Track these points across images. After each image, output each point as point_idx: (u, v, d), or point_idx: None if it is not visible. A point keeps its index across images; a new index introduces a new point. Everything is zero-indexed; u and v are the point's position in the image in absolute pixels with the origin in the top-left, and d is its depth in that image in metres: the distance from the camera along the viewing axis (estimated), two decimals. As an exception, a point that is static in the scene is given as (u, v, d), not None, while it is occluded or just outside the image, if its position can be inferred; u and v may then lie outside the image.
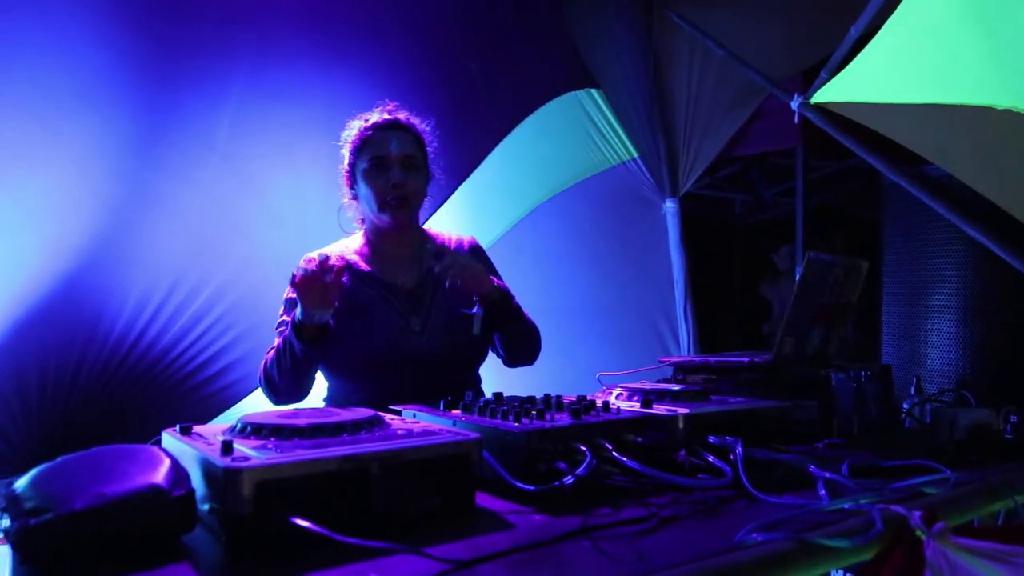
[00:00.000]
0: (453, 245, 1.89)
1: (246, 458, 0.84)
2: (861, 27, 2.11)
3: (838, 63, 2.26)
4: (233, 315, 2.45)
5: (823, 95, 2.37)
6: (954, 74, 1.79)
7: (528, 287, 2.71)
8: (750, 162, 4.72)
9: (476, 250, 1.93)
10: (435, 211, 2.69)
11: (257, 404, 2.56)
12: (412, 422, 1.14)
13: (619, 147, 3.27)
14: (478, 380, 1.87)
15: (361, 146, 1.78)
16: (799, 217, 3.21)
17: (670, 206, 3.38)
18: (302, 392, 1.69)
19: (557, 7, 3.11)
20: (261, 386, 1.72)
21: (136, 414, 2.31)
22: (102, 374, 2.22)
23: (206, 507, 0.88)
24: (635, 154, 3.30)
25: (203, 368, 2.45)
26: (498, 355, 1.87)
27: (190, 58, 2.30)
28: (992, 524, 1.01)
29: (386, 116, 1.82)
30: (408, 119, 1.86)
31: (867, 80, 2.11)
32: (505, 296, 1.74)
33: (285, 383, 1.63)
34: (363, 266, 1.79)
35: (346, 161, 1.84)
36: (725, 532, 0.87)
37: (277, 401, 1.69)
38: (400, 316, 1.72)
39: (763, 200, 5.48)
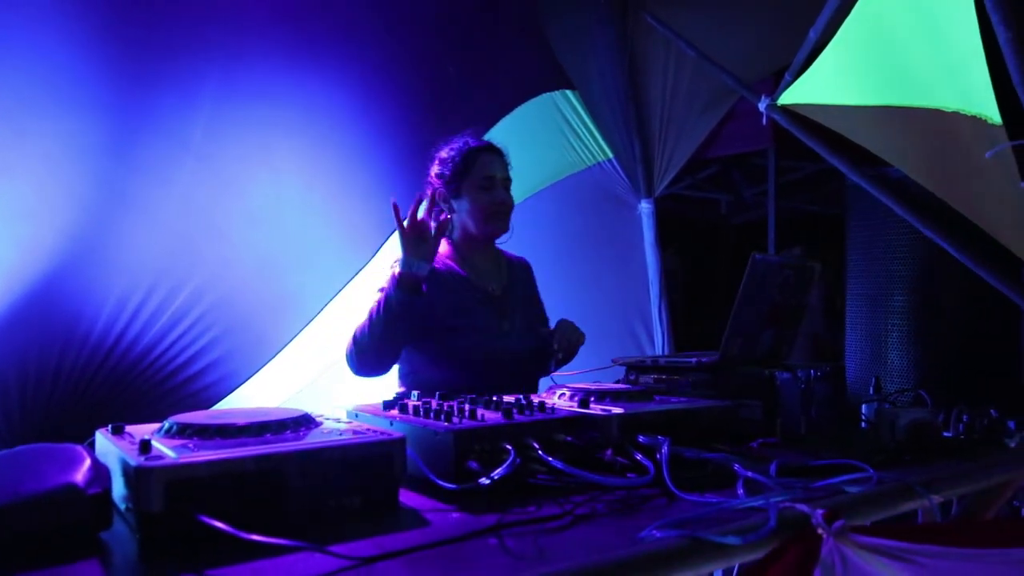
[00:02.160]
0: (512, 258, 2.22)
1: (160, 457, 0.86)
2: (819, 30, 2.13)
3: (800, 65, 2.28)
4: (212, 315, 2.46)
5: (788, 97, 2.39)
6: (905, 77, 1.81)
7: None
8: (730, 163, 4.74)
9: (528, 267, 2.26)
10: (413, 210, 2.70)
11: (239, 403, 2.58)
12: (347, 423, 1.16)
13: (594, 148, 3.28)
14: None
15: (469, 166, 2.01)
16: (771, 218, 3.23)
17: (645, 206, 3.40)
18: (385, 359, 1.85)
19: (532, 8, 3.12)
20: (347, 357, 1.85)
21: (117, 415, 2.31)
22: (82, 375, 2.23)
23: (123, 505, 0.90)
24: (610, 155, 3.31)
25: (183, 368, 2.47)
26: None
27: (163, 58, 2.30)
28: (902, 523, 1.03)
29: (483, 141, 2.10)
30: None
31: (827, 82, 2.13)
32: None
33: (373, 343, 1.78)
34: (457, 269, 2.01)
35: (444, 178, 2.03)
36: (635, 530, 0.88)
37: (360, 367, 1.84)
38: (495, 319, 1.97)
39: (744, 200, 5.50)
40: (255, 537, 0.80)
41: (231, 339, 2.52)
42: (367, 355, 1.81)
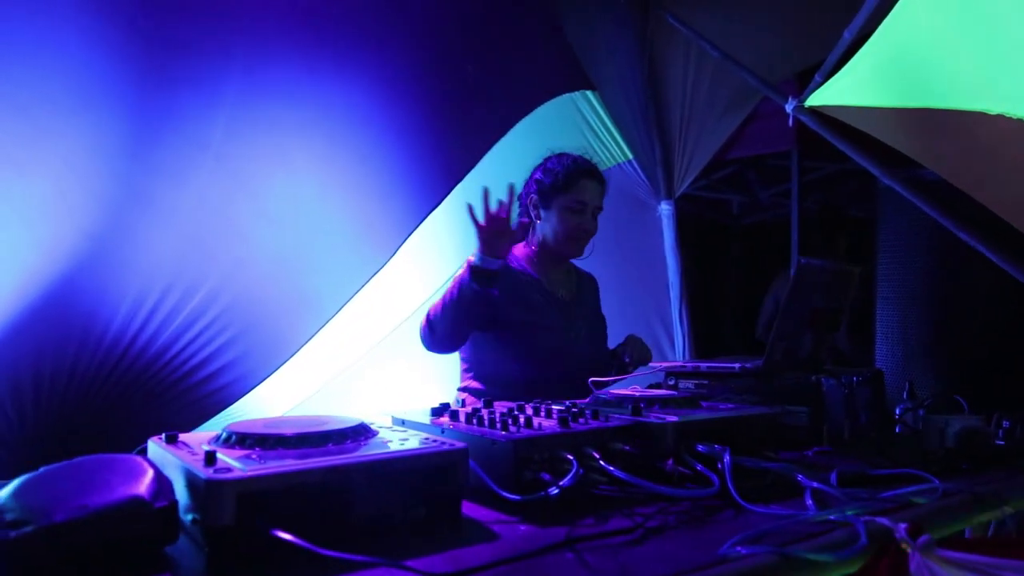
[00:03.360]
0: (580, 271, 2.33)
1: (229, 469, 0.84)
2: (855, 31, 2.11)
3: (832, 66, 2.26)
4: (228, 316, 2.44)
5: (817, 98, 2.37)
6: (946, 79, 1.79)
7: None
8: (746, 163, 4.73)
9: (595, 281, 2.37)
10: (431, 212, 2.68)
11: (254, 404, 2.56)
12: (399, 431, 1.14)
13: (614, 149, 3.26)
14: None
15: (568, 185, 2.07)
16: (794, 220, 3.21)
17: (665, 208, 3.37)
18: (455, 338, 1.96)
19: (553, 9, 3.10)
20: (421, 333, 1.98)
21: (132, 416, 2.30)
22: (97, 376, 2.22)
23: (189, 517, 0.87)
24: (630, 156, 3.29)
25: (198, 369, 2.45)
26: None
27: (184, 58, 2.29)
28: (982, 536, 1.01)
29: (590, 162, 2.18)
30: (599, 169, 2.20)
31: (861, 84, 2.10)
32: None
33: (445, 325, 1.89)
34: (531, 272, 2.11)
35: (542, 186, 2.10)
36: (710, 544, 0.86)
37: (432, 345, 1.97)
38: (564, 322, 2.07)
39: (759, 201, 5.48)
40: (331, 553, 0.78)
41: (247, 340, 2.50)
42: (438, 335, 1.92)
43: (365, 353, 2.62)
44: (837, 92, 2.24)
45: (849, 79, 2.15)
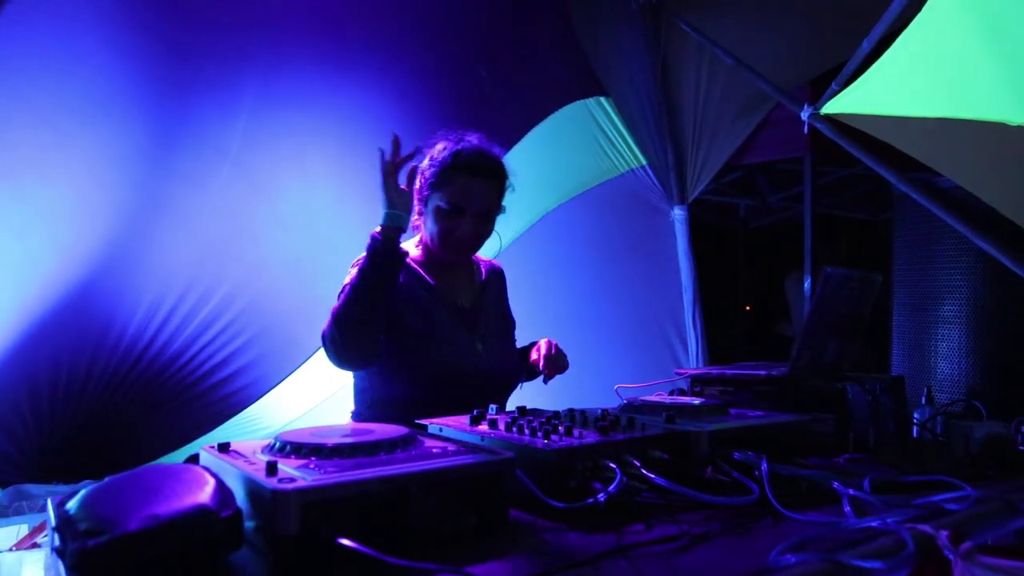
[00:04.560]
0: (485, 267, 2.00)
1: (292, 479, 0.86)
2: (874, 40, 2.14)
3: (849, 75, 2.28)
4: (243, 320, 2.47)
5: (834, 106, 2.40)
6: (968, 89, 1.81)
7: (536, 293, 2.73)
8: (755, 167, 4.77)
9: (501, 275, 2.04)
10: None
11: (265, 409, 2.59)
12: (442, 439, 1.16)
13: (628, 155, 3.30)
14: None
15: (442, 180, 1.74)
16: (807, 227, 3.24)
17: (678, 213, 3.41)
18: (368, 340, 1.62)
19: (567, 16, 3.14)
20: (327, 342, 1.64)
21: (147, 418, 2.33)
22: (113, 378, 2.25)
23: (251, 525, 0.90)
24: (644, 161, 3.32)
25: (213, 373, 2.48)
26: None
27: (203, 65, 2.32)
28: (1009, 542, 1.03)
29: (479, 154, 1.78)
30: (497, 163, 1.82)
31: (879, 92, 2.13)
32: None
33: (353, 324, 1.59)
34: (426, 277, 1.83)
35: (424, 177, 1.78)
36: (755, 551, 0.89)
37: (340, 351, 1.62)
38: (465, 335, 1.79)
39: (768, 205, 5.52)
40: (396, 560, 0.80)
41: (261, 344, 2.53)
42: (349, 337, 1.60)
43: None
44: (855, 100, 2.27)
45: (867, 88, 2.17)
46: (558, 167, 3.16)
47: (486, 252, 1.99)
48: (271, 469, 0.89)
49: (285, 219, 2.54)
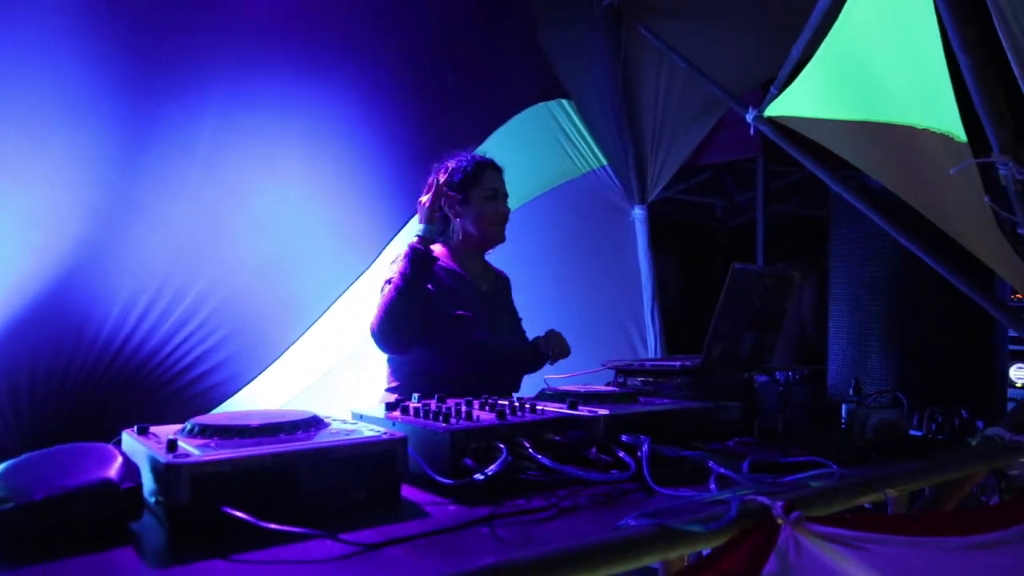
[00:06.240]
0: (495, 270, 2.44)
1: (186, 455, 0.96)
2: (800, 48, 2.23)
3: (784, 80, 2.38)
4: (217, 318, 2.54)
5: (773, 109, 2.49)
6: (881, 95, 1.91)
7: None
8: (722, 168, 4.86)
9: (508, 281, 2.47)
10: (411, 218, 2.79)
11: (242, 403, 2.67)
12: (352, 424, 1.26)
13: (589, 155, 3.37)
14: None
15: (474, 178, 2.24)
16: (760, 224, 3.33)
17: (639, 213, 3.49)
18: (413, 328, 2.02)
19: (530, 20, 3.21)
20: (378, 333, 2.03)
21: (124, 414, 2.41)
22: (91, 376, 2.31)
23: (153, 499, 1.00)
24: (605, 162, 3.40)
25: (189, 369, 2.55)
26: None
27: (171, 69, 2.38)
28: (858, 514, 1.13)
29: (485, 156, 2.34)
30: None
31: (808, 97, 2.23)
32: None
33: (400, 315, 1.99)
34: (456, 268, 2.23)
35: (453, 185, 2.24)
36: (615, 520, 0.98)
37: (387, 342, 2.03)
38: (490, 315, 2.20)
39: (736, 204, 5.61)
40: (273, 526, 0.90)
41: (236, 341, 2.60)
42: (397, 324, 1.99)
43: (349, 354, 2.72)
44: (789, 104, 2.36)
45: (799, 92, 2.27)
46: (520, 168, 3.23)
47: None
48: (171, 446, 0.99)
49: (257, 219, 2.60)
